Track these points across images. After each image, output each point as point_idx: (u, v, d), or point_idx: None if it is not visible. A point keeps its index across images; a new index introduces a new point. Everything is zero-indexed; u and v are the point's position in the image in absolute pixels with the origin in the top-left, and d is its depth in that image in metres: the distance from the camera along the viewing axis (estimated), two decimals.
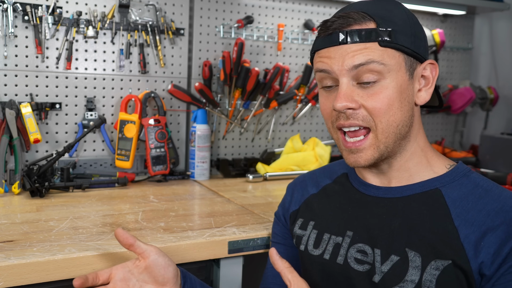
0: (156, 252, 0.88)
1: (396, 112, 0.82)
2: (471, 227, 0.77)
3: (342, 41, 0.81)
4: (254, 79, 1.82)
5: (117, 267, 0.87)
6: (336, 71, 0.82)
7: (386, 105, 0.81)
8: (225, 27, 1.86)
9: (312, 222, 0.95)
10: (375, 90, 0.81)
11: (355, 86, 0.82)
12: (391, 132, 0.83)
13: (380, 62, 0.80)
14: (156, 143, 1.67)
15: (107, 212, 1.28)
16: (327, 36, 0.83)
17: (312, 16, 2.04)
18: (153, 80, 1.76)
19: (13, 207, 1.31)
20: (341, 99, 0.81)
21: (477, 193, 0.81)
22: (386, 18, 0.82)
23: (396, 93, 0.81)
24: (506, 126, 2.45)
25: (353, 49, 0.80)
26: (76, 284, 0.80)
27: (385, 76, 0.81)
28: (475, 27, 2.50)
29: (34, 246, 0.99)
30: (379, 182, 0.90)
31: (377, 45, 0.80)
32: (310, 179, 1.03)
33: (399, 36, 0.81)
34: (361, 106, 0.82)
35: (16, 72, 1.55)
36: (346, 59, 0.81)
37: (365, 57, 0.80)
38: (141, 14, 1.72)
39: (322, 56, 0.84)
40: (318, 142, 1.96)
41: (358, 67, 0.80)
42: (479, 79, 2.55)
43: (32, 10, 1.54)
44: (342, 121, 0.84)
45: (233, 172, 1.85)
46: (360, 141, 0.84)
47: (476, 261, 0.74)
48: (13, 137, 1.48)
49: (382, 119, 0.82)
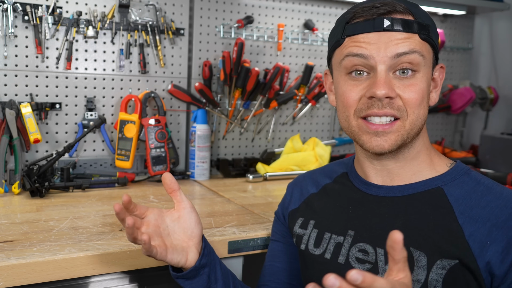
0: (191, 206, 0.89)
1: (425, 106, 0.84)
2: (475, 224, 0.77)
3: (387, 27, 0.80)
4: (254, 79, 1.82)
5: (154, 209, 0.87)
6: (376, 57, 0.80)
7: (420, 97, 0.82)
8: (225, 27, 1.86)
9: (313, 222, 0.95)
10: (411, 82, 0.81)
11: (390, 76, 0.81)
12: (417, 125, 0.83)
13: (421, 53, 0.81)
14: (156, 143, 1.67)
15: (107, 212, 1.28)
16: (368, 21, 0.81)
17: (312, 16, 2.04)
18: (153, 80, 1.76)
19: (13, 207, 1.31)
20: (383, 86, 0.79)
21: (479, 191, 0.81)
22: (420, 14, 0.83)
23: (426, 88, 0.83)
24: (506, 126, 2.45)
25: (397, 37, 0.80)
26: (116, 208, 0.79)
27: (421, 69, 0.82)
28: (475, 27, 2.50)
29: (34, 246, 0.99)
30: (381, 180, 0.89)
31: (418, 37, 0.81)
32: (310, 179, 1.03)
33: (432, 33, 0.83)
34: (398, 95, 0.81)
35: (16, 72, 1.55)
36: (390, 46, 0.80)
37: (408, 46, 0.80)
38: (141, 14, 1.72)
39: (360, 40, 0.82)
40: (318, 142, 1.96)
41: (401, 55, 0.80)
42: (479, 79, 2.55)
43: (32, 10, 1.54)
44: (376, 110, 0.81)
45: (233, 172, 1.85)
46: (387, 124, 0.82)
47: (483, 259, 0.74)
48: (13, 137, 1.48)
49: (415, 110, 0.82)
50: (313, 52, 2.06)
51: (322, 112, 2.11)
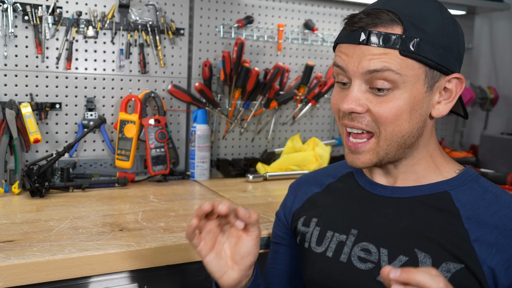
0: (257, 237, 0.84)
1: (403, 123, 0.80)
2: (482, 230, 0.77)
3: (362, 41, 0.78)
4: (254, 79, 1.82)
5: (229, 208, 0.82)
6: (350, 71, 0.80)
7: (393, 115, 0.79)
8: (225, 27, 1.86)
9: (315, 219, 0.94)
10: (385, 98, 0.79)
11: (366, 90, 0.80)
12: (394, 141, 0.82)
13: (396, 71, 0.77)
14: (156, 143, 1.67)
15: (107, 212, 1.28)
16: (350, 32, 0.81)
17: (312, 16, 2.04)
18: (153, 80, 1.76)
19: (13, 207, 1.31)
20: (348, 101, 0.80)
21: (487, 198, 0.81)
22: (417, 24, 0.78)
23: (406, 105, 0.79)
24: (506, 126, 2.45)
25: (372, 52, 0.78)
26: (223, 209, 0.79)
27: (399, 86, 0.78)
28: (475, 27, 2.50)
29: (34, 246, 0.99)
30: (386, 181, 0.89)
31: (398, 53, 0.77)
32: (314, 179, 1.02)
33: (425, 46, 0.77)
34: (368, 110, 0.80)
35: (16, 72, 1.55)
36: (363, 61, 0.78)
37: (381, 63, 0.77)
38: (141, 14, 1.72)
39: (341, 51, 0.82)
40: (318, 142, 1.95)
41: (373, 72, 0.78)
42: (479, 79, 2.55)
43: (32, 10, 1.54)
44: (347, 121, 0.83)
45: (233, 172, 1.85)
46: (361, 143, 0.83)
47: (488, 266, 0.74)
48: (13, 137, 1.48)
49: (387, 128, 0.80)
50: (313, 52, 2.06)
51: (322, 112, 2.11)
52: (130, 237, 1.08)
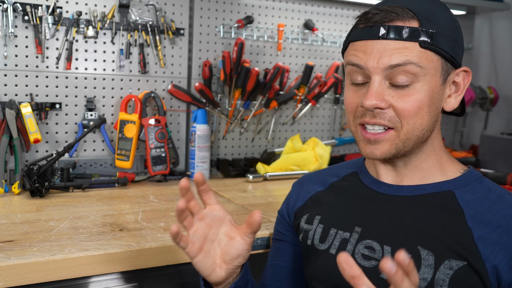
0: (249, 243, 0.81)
1: (424, 116, 0.81)
2: (485, 228, 0.77)
3: (382, 36, 0.78)
4: (254, 79, 1.82)
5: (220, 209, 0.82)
6: (370, 68, 0.80)
7: (416, 108, 0.80)
8: (225, 27, 1.86)
9: (318, 217, 0.94)
10: (407, 92, 0.79)
11: (386, 85, 0.80)
12: (414, 135, 0.82)
13: (418, 64, 0.78)
14: (156, 143, 1.67)
15: (107, 212, 1.28)
16: (366, 28, 0.80)
17: (312, 16, 2.04)
18: (153, 80, 1.76)
19: (13, 207, 1.31)
20: (372, 97, 0.79)
21: (490, 198, 0.81)
22: (430, 18, 0.79)
23: (427, 97, 0.80)
24: (506, 126, 2.45)
25: (392, 47, 0.78)
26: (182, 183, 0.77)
27: (420, 79, 0.79)
28: (475, 27, 2.50)
29: (34, 246, 0.99)
30: (391, 180, 0.89)
31: (418, 46, 0.78)
32: (317, 178, 1.02)
33: (441, 39, 0.79)
34: (390, 106, 0.80)
35: (16, 72, 1.55)
36: (384, 56, 0.78)
37: (403, 57, 0.78)
38: (141, 14, 1.72)
39: (357, 49, 0.82)
40: (318, 142, 1.96)
41: (394, 67, 0.78)
42: (479, 79, 2.55)
43: (32, 10, 1.54)
44: (368, 119, 0.82)
45: (233, 172, 1.85)
46: (380, 133, 0.83)
47: (491, 263, 0.74)
48: (13, 137, 1.48)
49: (409, 121, 0.81)
50: (313, 52, 2.06)
51: (322, 112, 2.11)
52: (130, 237, 1.08)
